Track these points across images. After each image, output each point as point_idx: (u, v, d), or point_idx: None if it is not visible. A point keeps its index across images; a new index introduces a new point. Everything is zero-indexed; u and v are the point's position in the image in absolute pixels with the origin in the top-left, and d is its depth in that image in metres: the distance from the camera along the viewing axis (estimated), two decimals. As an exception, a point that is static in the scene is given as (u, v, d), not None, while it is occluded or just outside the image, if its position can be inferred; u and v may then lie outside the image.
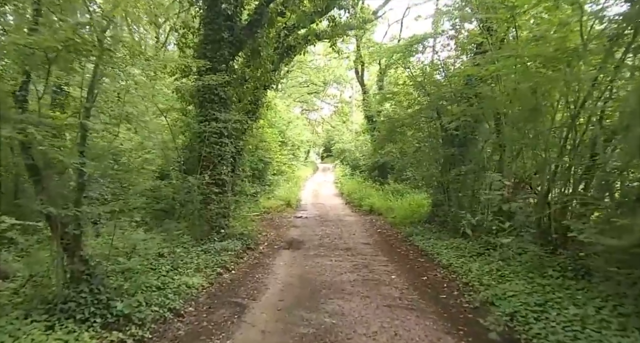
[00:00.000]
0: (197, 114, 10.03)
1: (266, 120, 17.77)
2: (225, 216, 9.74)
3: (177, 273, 6.14)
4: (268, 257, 8.42)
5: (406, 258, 7.95)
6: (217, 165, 9.63)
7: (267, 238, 10.67)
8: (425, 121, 11.97)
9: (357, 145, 26.19)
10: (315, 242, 10.09)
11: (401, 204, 14.41)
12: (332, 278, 6.53)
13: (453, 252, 7.39)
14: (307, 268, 7.34)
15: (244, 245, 9.04)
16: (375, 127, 19.34)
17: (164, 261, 6.56)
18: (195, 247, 8.09)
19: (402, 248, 8.88)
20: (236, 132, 10.90)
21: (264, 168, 18.98)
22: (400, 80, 14.28)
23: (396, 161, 17.36)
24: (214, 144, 9.53)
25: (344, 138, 35.64)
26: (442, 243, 8.19)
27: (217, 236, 9.04)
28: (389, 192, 16.52)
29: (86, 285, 4.38)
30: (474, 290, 5.39)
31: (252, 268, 7.46)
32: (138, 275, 5.15)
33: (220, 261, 7.34)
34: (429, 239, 8.97)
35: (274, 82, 13.89)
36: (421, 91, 11.95)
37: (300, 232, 11.58)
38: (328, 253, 8.58)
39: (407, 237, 9.84)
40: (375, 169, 20.84)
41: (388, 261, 7.68)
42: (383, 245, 9.49)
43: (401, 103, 12.71)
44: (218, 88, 9.73)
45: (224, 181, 9.76)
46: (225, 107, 9.99)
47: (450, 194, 9.99)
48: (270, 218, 14.36)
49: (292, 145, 27.47)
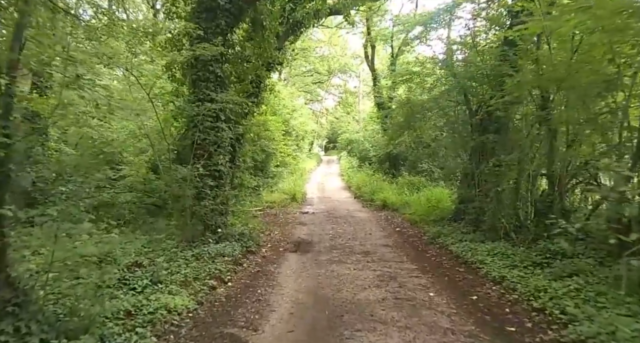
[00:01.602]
0: (190, 95, 8.62)
1: (269, 106, 16.32)
2: (222, 213, 8.37)
3: (156, 290, 4.77)
4: (272, 263, 7.06)
5: (440, 266, 6.56)
6: (213, 155, 8.24)
7: (270, 238, 9.31)
8: (452, 105, 10.52)
9: (366, 135, 24.70)
10: (327, 243, 8.72)
11: (418, 199, 13.02)
12: (354, 295, 5.14)
13: (500, 260, 5.99)
14: (320, 279, 5.97)
15: (243, 247, 7.68)
16: (387, 114, 17.89)
17: (143, 272, 5.19)
18: (186, 251, 6.73)
19: (431, 253, 7.49)
20: (235, 116, 9.47)
21: (266, 159, 17.58)
22: (415, 61, 12.82)
23: (410, 152, 15.93)
24: (209, 130, 8.14)
25: (350, 128, 34.15)
26: (481, 248, 6.80)
27: (212, 237, 7.68)
28: (404, 186, 15.09)
29: (11, 322, 3.00)
30: (554, 320, 3.98)
31: (253, 278, 6.08)
32: (97, 298, 3.78)
33: (214, 270, 5.97)
34: (462, 242, 7.58)
35: (278, 61, 12.40)
36: (447, 71, 10.49)
37: (308, 231, 10.21)
38: (343, 258, 7.21)
39: (433, 238, 8.45)
40: (387, 160, 19.41)
41: (418, 270, 6.30)
42: (406, 247, 8.10)
43: (422, 84, 11.22)
44: (213, 64, 8.35)
45: (221, 173, 8.38)
46: (222, 87, 8.60)
47: (483, 188, 8.57)
48: (273, 214, 13.00)
49: (297, 136, 26.02)
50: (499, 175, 7.79)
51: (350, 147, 27.47)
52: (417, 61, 11.58)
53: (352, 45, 42.91)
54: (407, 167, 17.76)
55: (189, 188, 7.73)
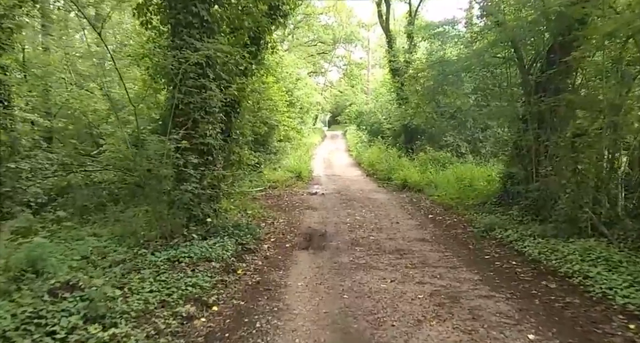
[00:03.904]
0: (169, 45, 6.59)
1: (271, 71, 14.17)
2: (212, 198, 6.50)
3: (90, 335, 2.93)
4: (277, 268, 5.21)
5: (514, 277, 4.65)
6: (199, 123, 6.31)
7: (274, 228, 7.47)
8: (497, 63, 8.44)
9: (377, 106, 22.49)
10: (345, 235, 6.86)
11: (446, 178, 11.12)
12: (407, 336, 3.29)
13: (610, 272, 4.10)
14: (346, 298, 4.12)
15: (238, 245, 5.83)
16: (404, 81, 15.73)
17: (75, 299, 3.33)
18: (158, 254, 4.89)
19: (491, 253, 5.59)
20: (228, 74, 7.43)
21: (268, 132, 15.53)
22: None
23: (433, 123, 13.87)
24: (192, 89, 6.17)
25: (358, 99, 31.84)
26: (566, 249, 4.91)
27: (198, 230, 5.85)
28: (426, 162, 13.11)
29: None
30: None
31: (251, 297, 4.23)
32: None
33: (194, 285, 4.12)
34: (530, 237, 5.70)
35: (283, 13, 10.19)
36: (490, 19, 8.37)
37: (320, 218, 8.34)
38: (372, 261, 5.36)
39: (485, 231, 6.55)
40: (401, 134, 17.36)
41: (485, 284, 4.42)
42: (451, 243, 6.22)
43: (458, 39, 9.09)
44: (198, 4, 6.35)
45: (210, 147, 6.47)
46: (210, 36, 6.58)
47: (553, 166, 6.60)
48: (277, 196, 11.16)
49: (301, 108, 23.85)
50: (579, 150, 5.82)
51: (359, 120, 25.27)
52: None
53: (357, 13, 40.16)
54: (425, 140, 15.72)
55: (165, 168, 5.83)
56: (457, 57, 9.09)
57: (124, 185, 8.23)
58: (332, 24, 39.61)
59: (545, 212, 6.52)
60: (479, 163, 12.01)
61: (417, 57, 16.07)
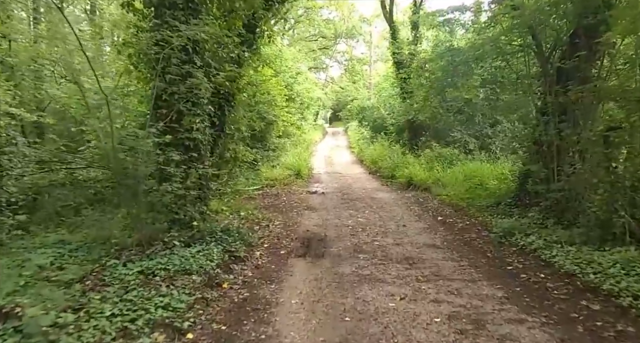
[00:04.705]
0: (151, 28, 5.90)
1: (268, 62, 13.47)
2: (198, 200, 5.81)
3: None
4: (268, 281, 4.53)
5: (547, 294, 3.94)
6: (185, 115, 5.63)
7: (268, 231, 6.80)
8: (513, 51, 7.73)
9: (380, 101, 21.73)
10: (347, 240, 6.19)
11: (453, 176, 10.44)
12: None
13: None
14: (348, 321, 3.45)
15: (225, 252, 5.16)
16: (409, 74, 15.01)
17: (9, 330, 2.66)
18: (131, 265, 4.21)
19: (515, 265, 4.88)
20: (218, 62, 6.75)
21: (266, 128, 14.82)
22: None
23: (439, 118, 13.14)
24: (176, 77, 5.50)
25: (360, 94, 31.06)
26: (603, 260, 4.22)
27: (181, 236, 5.16)
28: (433, 159, 12.40)
29: None
30: None
31: (234, 321, 3.55)
32: None
33: (165, 307, 3.44)
34: (557, 244, 5.02)
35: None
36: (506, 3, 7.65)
37: (320, 219, 7.67)
38: (378, 272, 4.68)
39: (504, 236, 5.86)
40: (405, 129, 16.62)
41: (513, 304, 3.73)
42: (467, 251, 5.53)
43: (477, 25, 8.35)
44: (183, -17, 5.66)
45: (197, 142, 5.79)
46: (197, 17, 5.89)
47: (573, 164, 5.93)
48: (274, 195, 10.48)
49: (301, 103, 23.09)
50: (614, 145, 5.12)
51: (362, 116, 24.51)
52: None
53: (359, 7, 39.48)
54: (429, 136, 14.98)
55: (144, 165, 5.16)
56: (469, 44, 8.35)
57: (110, 183, 7.58)
58: (334, 19, 38.93)
59: (569, 214, 5.85)
60: (488, 160, 11.31)
61: (422, 49, 15.32)
